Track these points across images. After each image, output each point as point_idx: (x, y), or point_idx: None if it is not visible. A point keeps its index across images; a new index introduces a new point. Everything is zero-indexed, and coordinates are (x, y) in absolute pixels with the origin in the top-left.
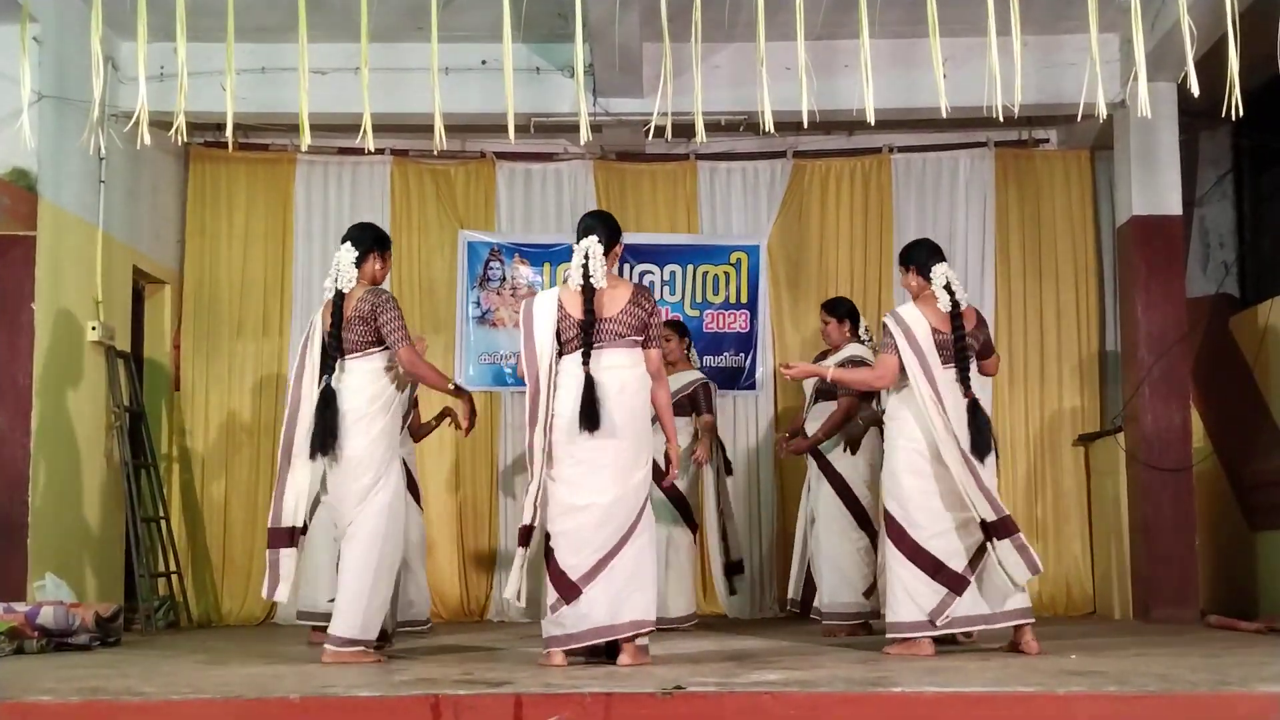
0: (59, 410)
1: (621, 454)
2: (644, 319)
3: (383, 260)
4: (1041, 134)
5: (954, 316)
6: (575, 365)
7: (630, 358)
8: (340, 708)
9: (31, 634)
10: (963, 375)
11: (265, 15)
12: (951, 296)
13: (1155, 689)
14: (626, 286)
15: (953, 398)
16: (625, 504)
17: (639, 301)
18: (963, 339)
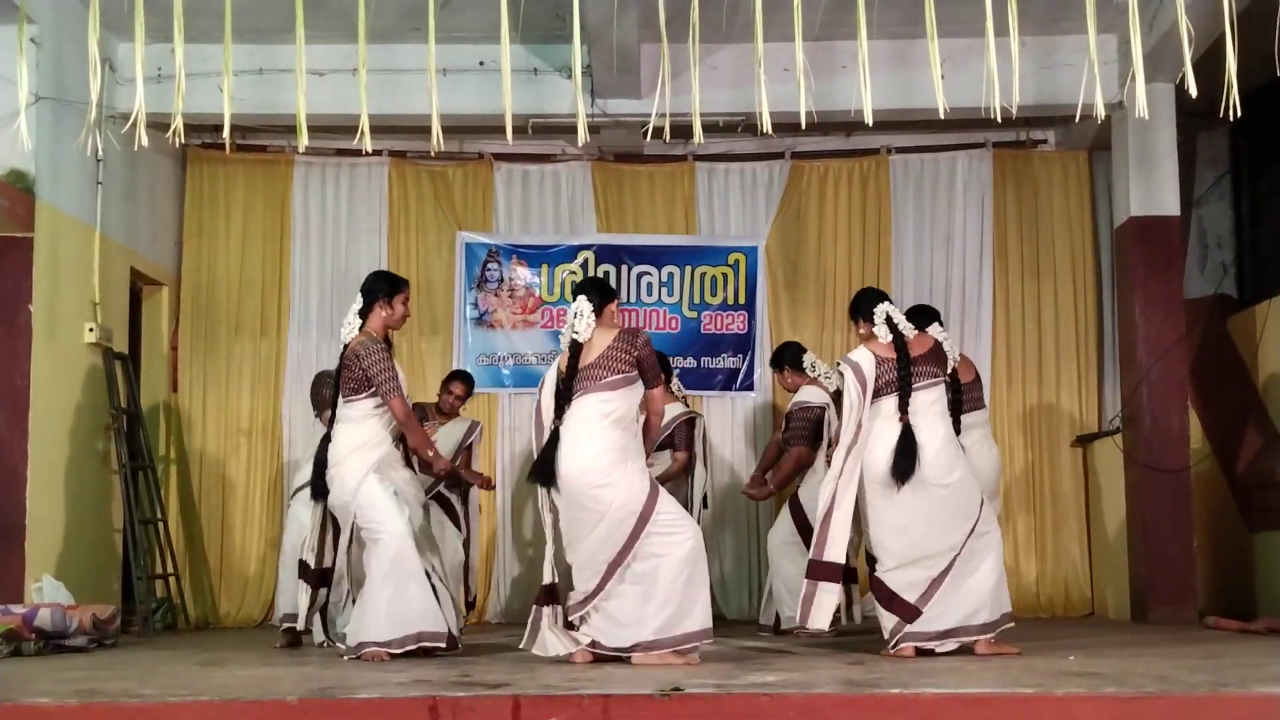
0: (56, 412)
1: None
2: (629, 356)
3: (391, 305)
4: (1039, 135)
5: (898, 348)
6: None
7: (609, 404)
8: (338, 709)
9: (29, 636)
10: (902, 403)
11: (262, 16)
12: (892, 329)
13: (1154, 690)
14: (612, 332)
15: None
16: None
17: (620, 344)
18: (906, 368)
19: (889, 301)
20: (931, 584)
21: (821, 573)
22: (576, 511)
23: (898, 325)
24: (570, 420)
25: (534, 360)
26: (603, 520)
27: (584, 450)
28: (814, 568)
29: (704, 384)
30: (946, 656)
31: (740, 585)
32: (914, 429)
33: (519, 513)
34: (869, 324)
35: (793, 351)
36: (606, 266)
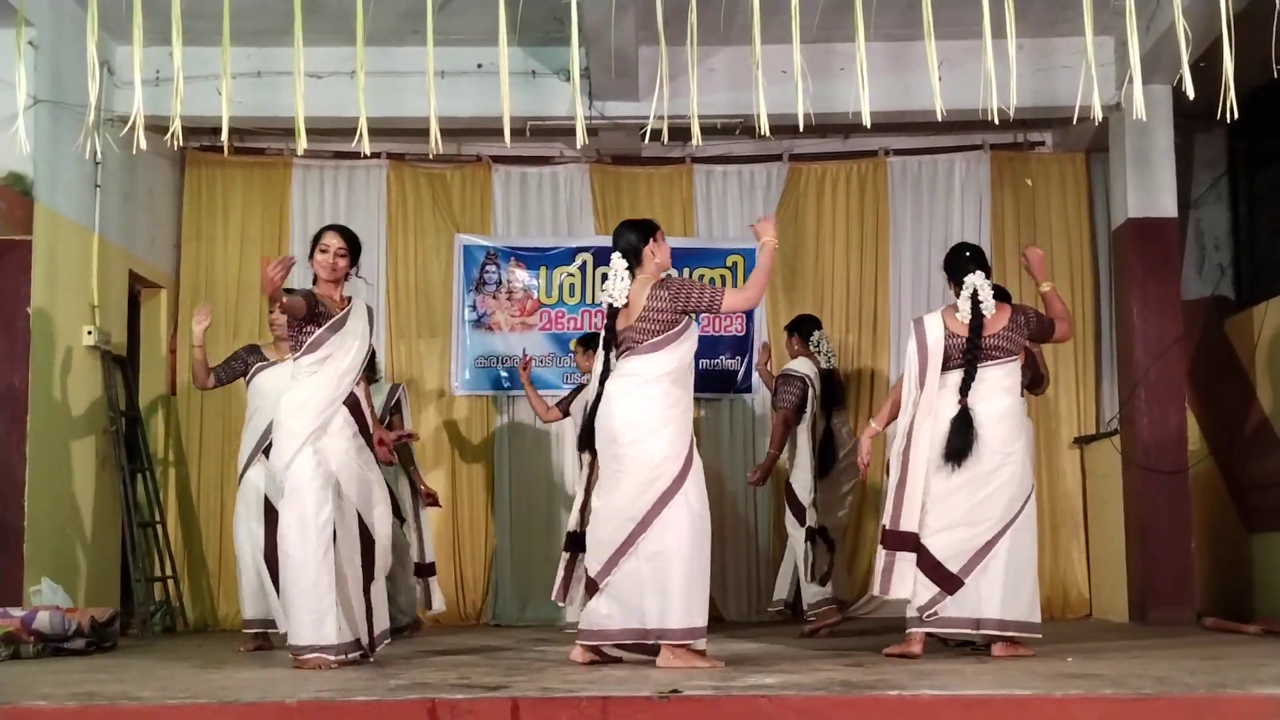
0: (55, 415)
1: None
2: (666, 316)
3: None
4: (1037, 136)
5: (972, 327)
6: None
7: (645, 366)
8: (337, 712)
9: (27, 639)
10: (964, 384)
11: (260, 19)
12: (974, 305)
13: (1152, 691)
14: (648, 283)
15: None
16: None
17: (657, 299)
18: (975, 349)
19: (983, 272)
20: (976, 554)
21: (896, 541)
22: (605, 467)
23: (981, 303)
24: (612, 378)
25: (533, 362)
26: (626, 480)
27: (619, 405)
28: (888, 537)
29: (701, 386)
30: (947, 658)
31: (740, 587)
32: (972, 410)
33: (518, 515)
34: (955, 289)
35: (809, 325)
36: (605, 269)
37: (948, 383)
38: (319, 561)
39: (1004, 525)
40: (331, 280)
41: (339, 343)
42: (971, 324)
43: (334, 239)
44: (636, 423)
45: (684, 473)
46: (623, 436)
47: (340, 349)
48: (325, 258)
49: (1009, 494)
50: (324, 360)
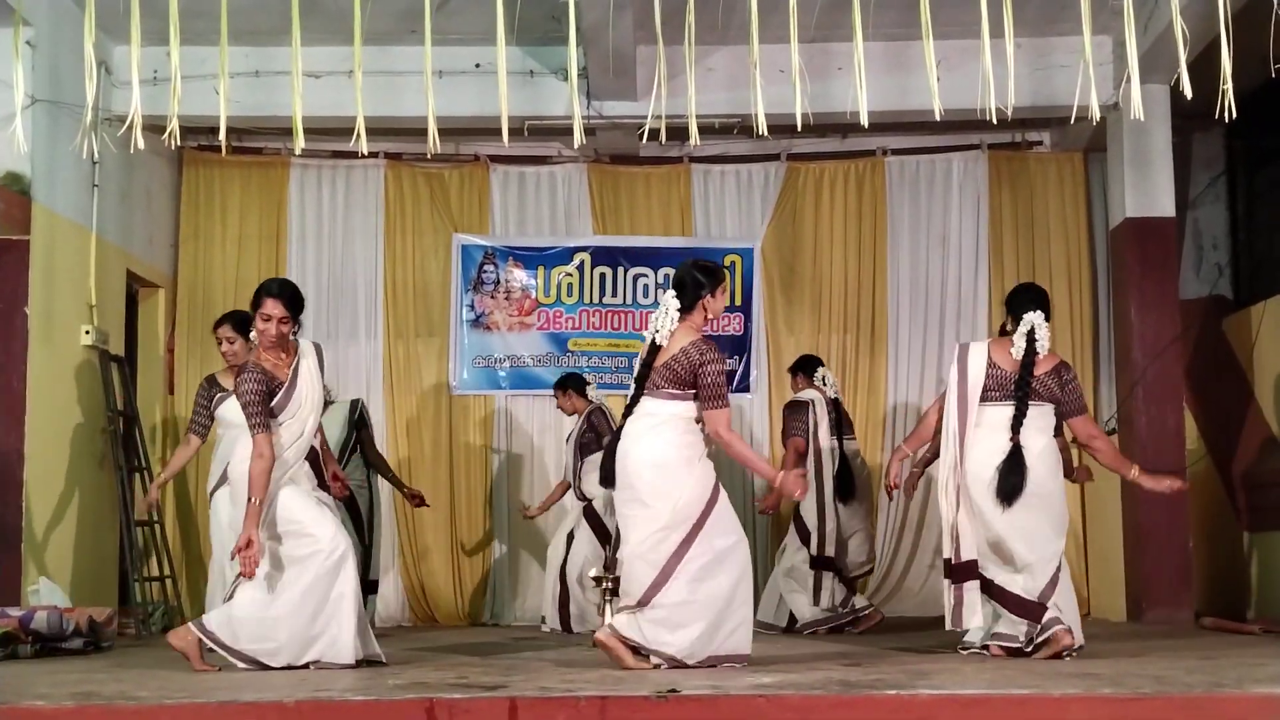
0: (53, 414)
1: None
2: (687, 368)
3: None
4: (1035, 136)
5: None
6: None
7: (663, 408)
8: (335, 712)
9: (25, 638)
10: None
11: (258, 18)
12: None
13: (1150, 690)
14: (688, 335)
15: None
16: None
17: (688, 350)
18: (1026, 385)
19: (1043, 312)
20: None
21: (961, 574)
22: (625, 509)
23: (1036, 342)
24: (633, 417)
25: (530, 362)
26: (652, 521)
27: (636, 447)
28: (954, 570)
29: None
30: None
31: None
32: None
33: (516, 515)
34: (1014, 325)
35: (813, 364)
36: (603, 268)
37: (987, 419)
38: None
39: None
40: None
41: (294, 405)
42: (1024, 361)
43: (276, 307)
44: (655, 464)
45: (705, 514)
46: (641, 478)
47: (296, 406)
48: (269, 327)
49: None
50: (281, 425)
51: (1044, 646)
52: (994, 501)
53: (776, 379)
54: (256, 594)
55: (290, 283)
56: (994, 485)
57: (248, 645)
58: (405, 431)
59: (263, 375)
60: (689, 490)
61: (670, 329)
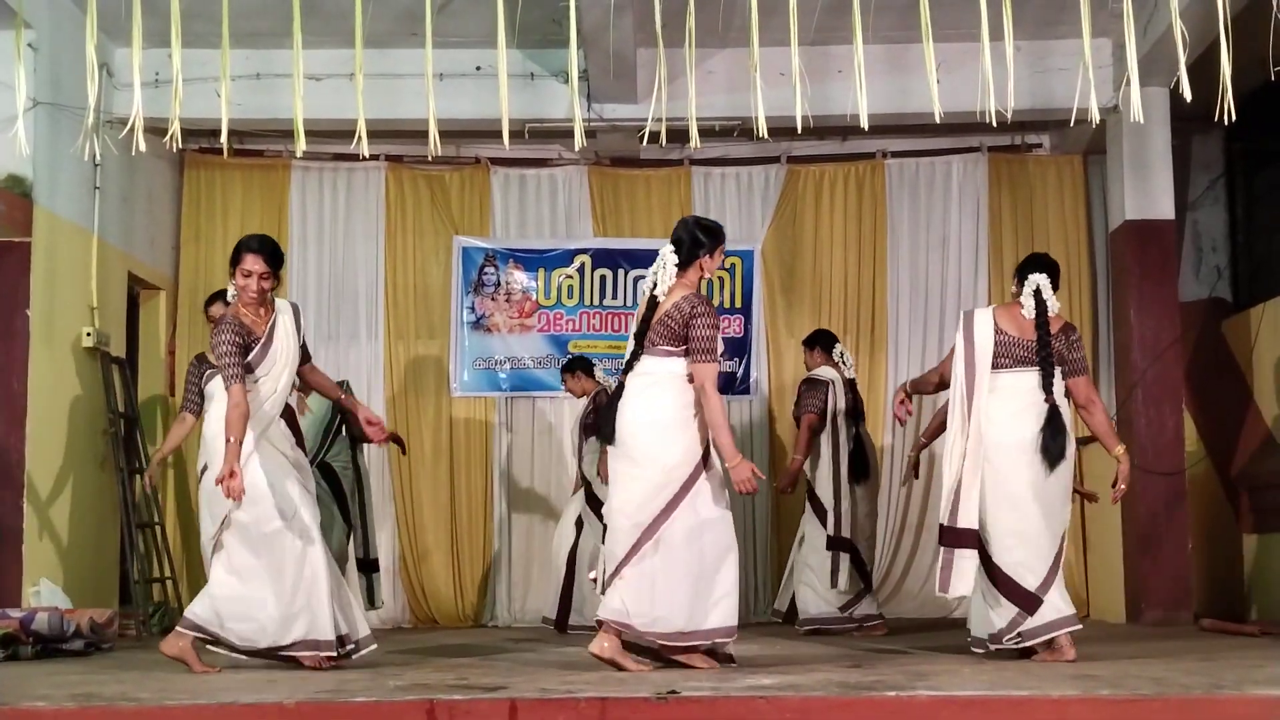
0: (54, 416)
1: (629, 463)
2: (680, 323)
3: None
4: (1034, 139)
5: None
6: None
7: (659, 366)
8: (335, 713)
9: (26, 640)
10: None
11: (259, 21)
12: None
13: (1149, 692)
14: (682, 290)
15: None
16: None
17: (680, 305)
18: (1047, 346)
19: (1047, 274)
20: (1050, 570)
21: (956, 539)
22: (616, 464)
23: (1045, 302)
24: (632, 375)
25: (530, 364)
26: (640, 480)
27: (632, 404)
28: (947, 534)
29: None
30: (939, 660)
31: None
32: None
33: (516, 516)
34: (1018, 287)
35: (829, 338)
36: (603, 270)
37: (1001, 384)
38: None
39: (1063, 535)
40: (256, 301)
41: (269, 361)
42: (1039, 322)
43: (256, 263)
44: (648, 423)
45: (693, 478)
46: (634, 437)
47: (271, 363)
48: (250, 282)
49: (1062, 504)
50: (257, 381)
51: (1046, 648)
52: (1025, 465)
53: (776, 381)
54: (229, 573)
55: (270, 238)
56: (1034, 446)
57: (234, 627)
58: (406, 433)
59: (240, 328)
60: (679, 451)
61: (669, 283)
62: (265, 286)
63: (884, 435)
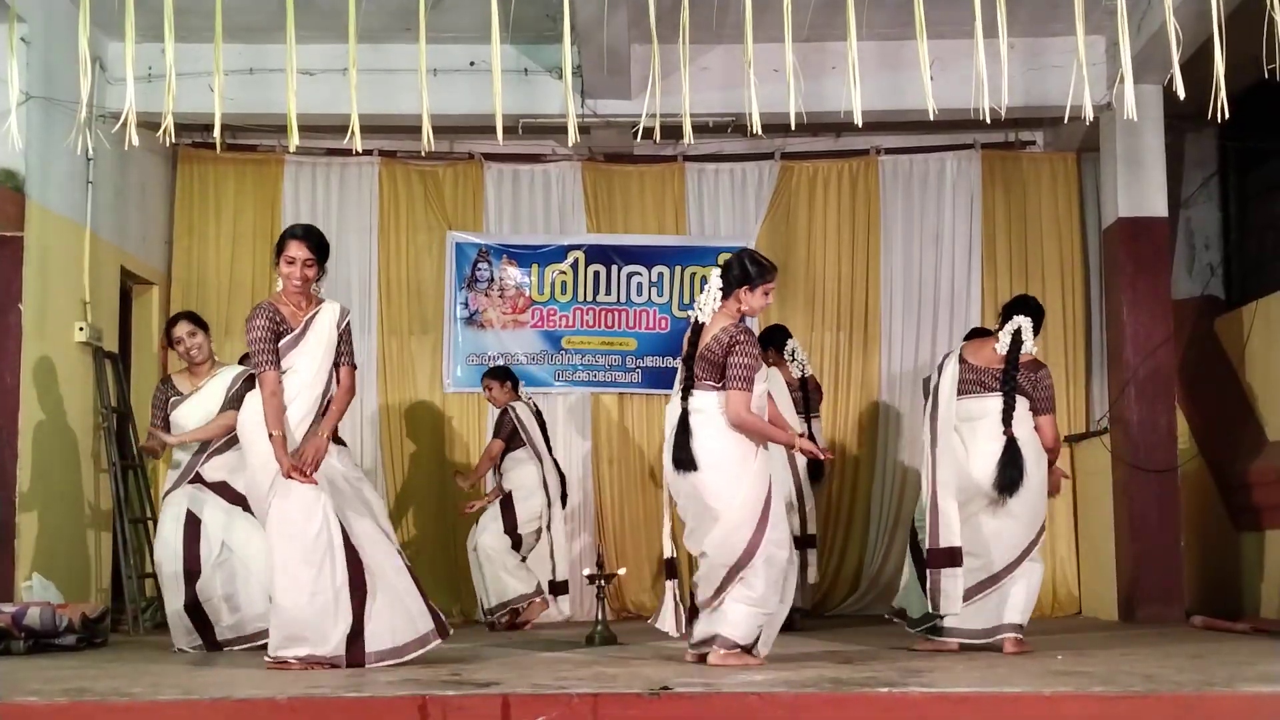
0: (46, 411)
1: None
2: (719, 354)
3: (277, 264)
4: (1028, 136)
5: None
6: (675, 399)
7: (710, 402)
8: (328, 708)
9: (18, 635)
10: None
11: (253, 15)
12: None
13: (1141, 689)
14: (723, 320)
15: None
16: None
17: (719, 337)
18: (1012, 380)
19: (1030, 317)
20: (981, 584)
21: (942, 560)
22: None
23: (1023, 343)
24: (691, 410)
25: (524, 360)
26: (718, 520)
27: (697, 445)
28: (935, 556)
29: None
30: (934, 657)
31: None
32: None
33: None
34: (1000, 324)
35: (781, 336)
36: (597, 266)
37: (964, 412)
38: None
39: (1013, 561)
40: (300, 291)
41: (296, 353)
42: (1008, 356)
43: (300, 250)
44: (713, 464)
45: (768, 508)
46: (703, 480)
47: (297, 357)
48: (293, 270)
49: (1022, 528)
50: (287, 373)
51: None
52: (983, 493)
53: None
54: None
55: (315, 227)
56: (992, 479)
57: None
58: (398, 429)
59: (275, 315)
60: (747, 487)
61: (713, 309)
62: (309, 275)
63: (877, 438)
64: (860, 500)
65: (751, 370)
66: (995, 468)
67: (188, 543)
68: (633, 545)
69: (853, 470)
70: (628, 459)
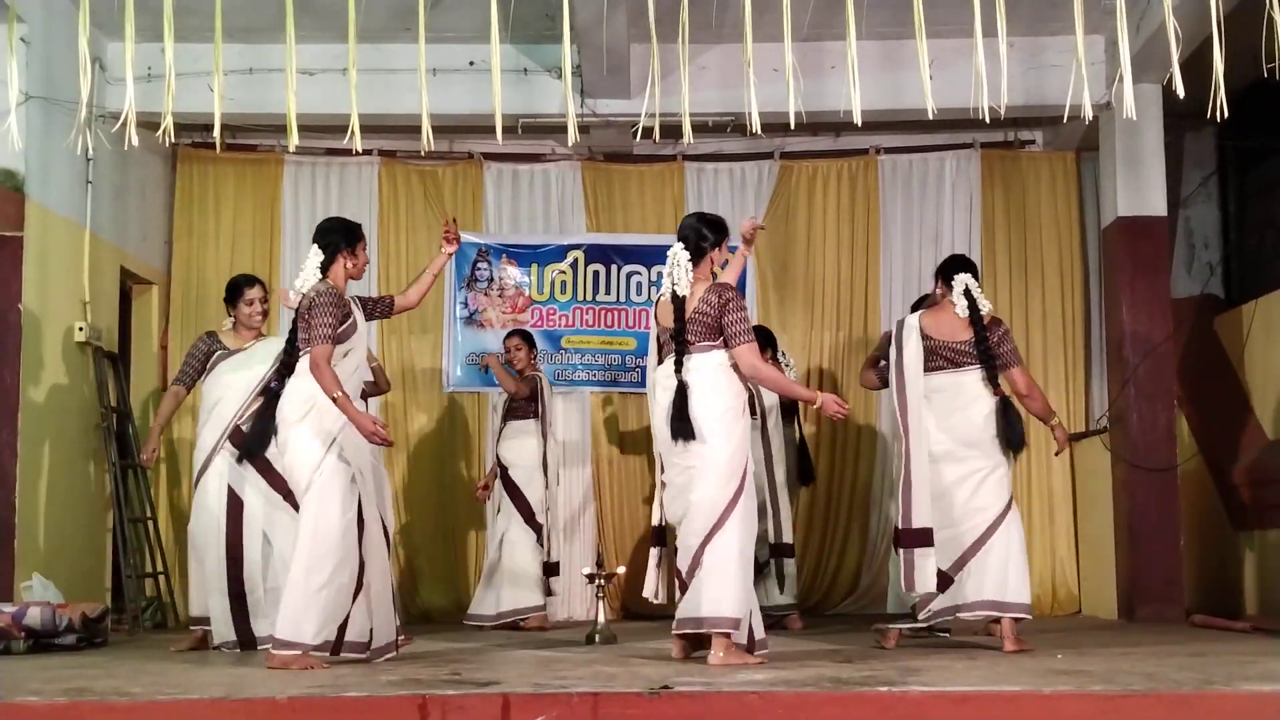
0: (46, 411)
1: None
2: (713, 315)
3: (354, 254)
4: (1027, 135)
5: (973, 322)
6: (668, 374)
7: (709, 360)
8: (328, 708)
9: (18, 634)
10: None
11: (252, 15)
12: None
13: (1141, 688)
14: (703, 284)
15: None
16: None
17: (707, 297)
18: (985, 343)
19: (972, 274)
20: (967, 551)
21: (913, 539)
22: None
23: (976, 299)
24: (687, 374)
25: None
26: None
27: (702, 400)
28: (904, 536)
29: None
30: (934, 655)
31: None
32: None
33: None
34: (946, 288)
35: (765, 337)
36: (596, 266)
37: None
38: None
39: (996, 519)
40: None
41: (356, 339)
42: (973, 319)
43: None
44: (716, 417)
45: (746, 472)
46: (707, 433)
47: (356, 341)
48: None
49: (999, 488)
50: (346, 354)
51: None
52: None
53: None
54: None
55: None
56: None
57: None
58: (399, 429)
59: (342, 300)
60: (737, 441)
61: (688, 280)
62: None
63: (876, 438)
64: (859, 499)
65: (747, 321)
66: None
67: (231, 520)
68: (633, 545)
69: (852, 469)
70: (627, 459)
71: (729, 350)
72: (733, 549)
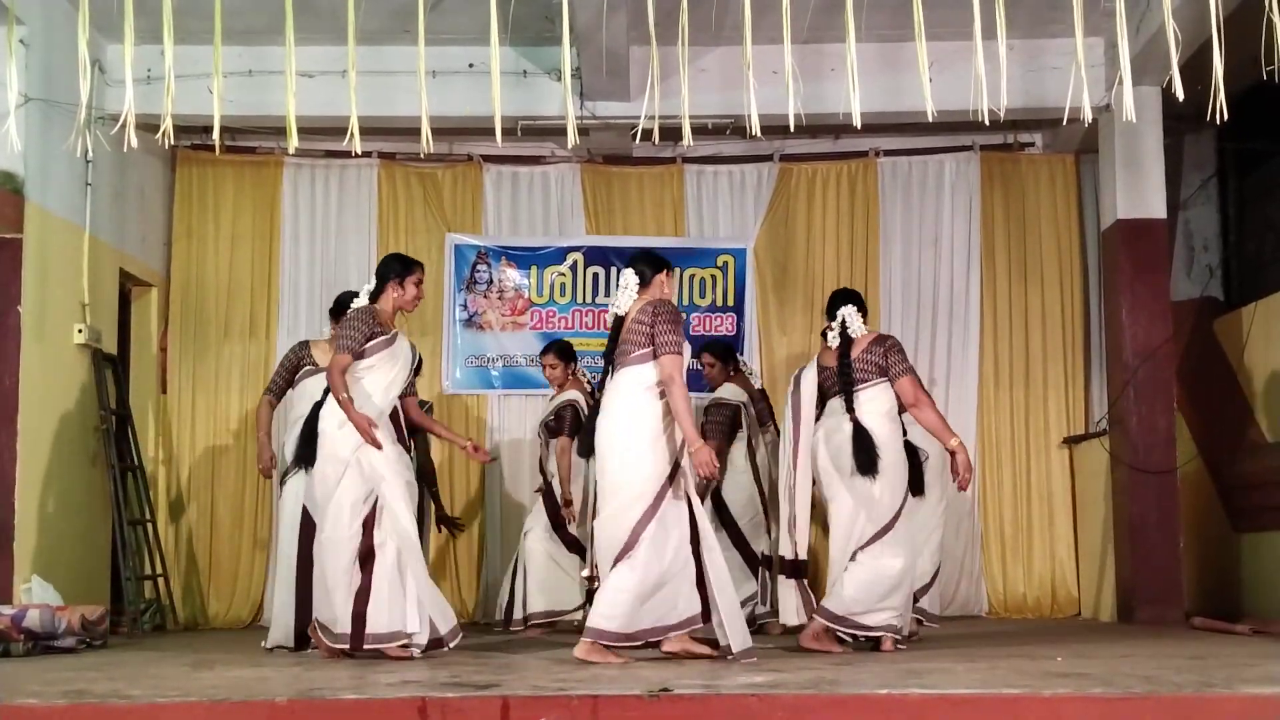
0: (45, 413)
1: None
2: (644, 332)
3: (402, 286)
4: (1027, 138)
5: (841, 351)
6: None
7: (631, 377)
8: (326, 710)
9: (17, 637)
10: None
11: (252, 18)
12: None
13: (1140, 690)
14: (642, 303)
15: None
16: (620, 520)
17: (644, 309)
18: (847, 368)
19: (855, 305)
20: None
21: (798, 570)
22: (601, 479)
23: (848, 329)
24: (608, 391)
25: (523, 361)
26: (613, 498)
27: (609, 421)
28: (792, 567)
29: (692, 385)
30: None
31: None
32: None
33: (509, 514)
34: (829, 323)
35: (731, 354)
36: (595, 268)
37: (830, 408)
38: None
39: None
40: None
41: (385, 355)
42: (840, 348)
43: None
44: (623, 437)
45: (663, 493)
46: (610, 452)
47: (388, 354)
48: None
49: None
50: (370, 369)
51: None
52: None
53: (769, 379)
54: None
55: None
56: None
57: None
58: None
59: (376, 320)
60: (650, 465)
61: (629, 302)
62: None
63: None
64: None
65: (677, 333)
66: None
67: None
68: None
69: None
70: None
71: (656, 355)
72: (634, 576)
